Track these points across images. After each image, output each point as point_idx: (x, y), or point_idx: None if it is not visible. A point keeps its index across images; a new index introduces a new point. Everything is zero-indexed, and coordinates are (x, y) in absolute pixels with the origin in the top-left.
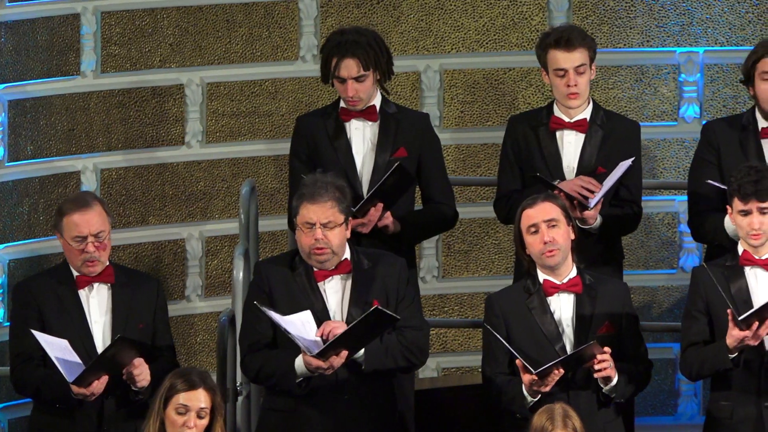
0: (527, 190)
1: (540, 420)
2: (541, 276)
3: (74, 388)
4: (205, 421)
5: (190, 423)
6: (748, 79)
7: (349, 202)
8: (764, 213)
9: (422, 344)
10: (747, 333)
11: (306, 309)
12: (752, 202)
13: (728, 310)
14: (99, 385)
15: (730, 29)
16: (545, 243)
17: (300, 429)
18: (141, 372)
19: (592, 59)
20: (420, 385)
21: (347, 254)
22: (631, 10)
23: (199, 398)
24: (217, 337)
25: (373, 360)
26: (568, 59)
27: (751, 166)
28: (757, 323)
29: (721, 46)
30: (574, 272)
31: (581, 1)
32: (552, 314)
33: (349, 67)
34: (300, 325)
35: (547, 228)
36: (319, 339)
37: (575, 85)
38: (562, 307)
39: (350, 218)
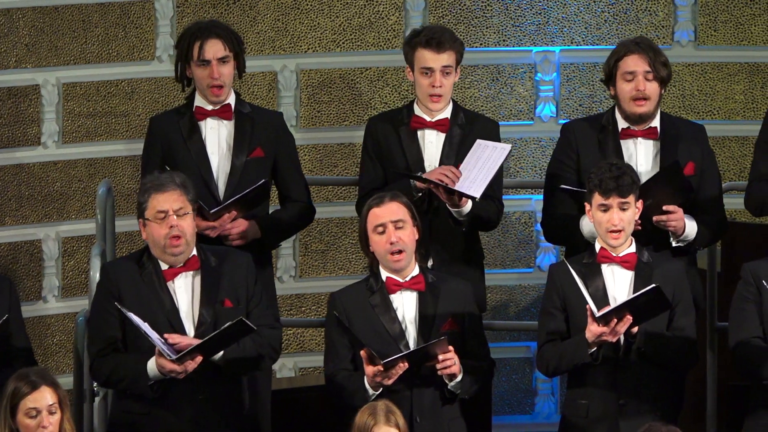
0: (391, 185)
1: (362, 417)
2: (384, 274)
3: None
4: (57, 416)
5: (45, 423)
6: (609, 79)
7: (194, 196)
8: (624, 209)
9: (275, 342)
10: (605, 329)
11: (155, 308)
12: (613, 197)
13: (587, 306)
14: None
15: (586, 29)
16: (391, 243)
17: (153, 431)
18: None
19: (458, 62)
20: (277, 384)
21: (194, 251)
22: (488, 10)
23: (46, 396)
24: (74, 337)
25: (231, 361)
26: (436, 59)
27: (612, 163)
28: (615, 320)
29: (577, 46)
30: (416, 270)
31: (437, 1)
32: (395, 312)
33: (214, 46)
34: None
35: (394, 228)
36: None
37: (440, 86)
38: (405, 305)
39: (201, 218)
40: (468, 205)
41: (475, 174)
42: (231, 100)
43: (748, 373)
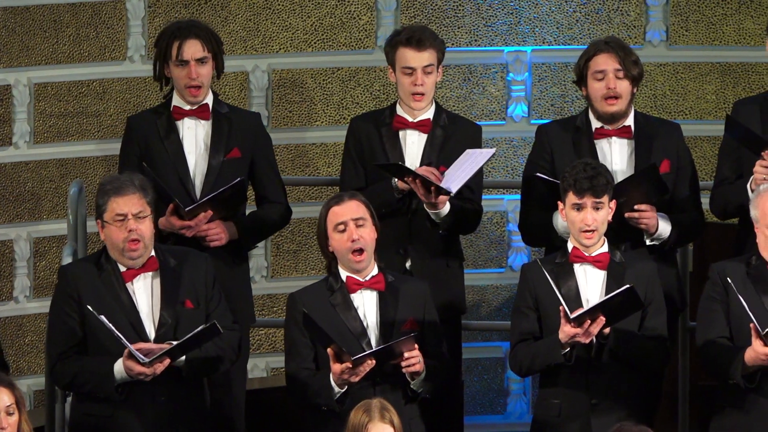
0: (373, 185)
1: (357, 415)
2: (344, 273)
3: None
4: (15, 417)
5: (3, 424)
6: (581, 79)
7: (153, 198)
8: (598, 209)
9: (234, 344)
10: (578, 330)
11: (115, 310)
12: (587, 196)
13: (560, 307)
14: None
15: (557, 28)
16: (353, 241)
17: None
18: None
19: (440, 61)
20: (249, 385)
21: (152, 252)
22: (459, 10)
23: (2, 398)
24: (46, 337)
25: (192, 365)
26: (417, 58)
27: (587, 163)
28: (589, 321)
29: (548, 46)
30: (375, 270)
31: (409, 1)
32: (356, 311)
33: (193, 47)
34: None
35: (355, 226)
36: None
37: (422, 85)
38: (366, 304)
39: (177, 217)
40: (446, 208)
41: (457, 174)
42: (209, 100)
43: (716, 373)
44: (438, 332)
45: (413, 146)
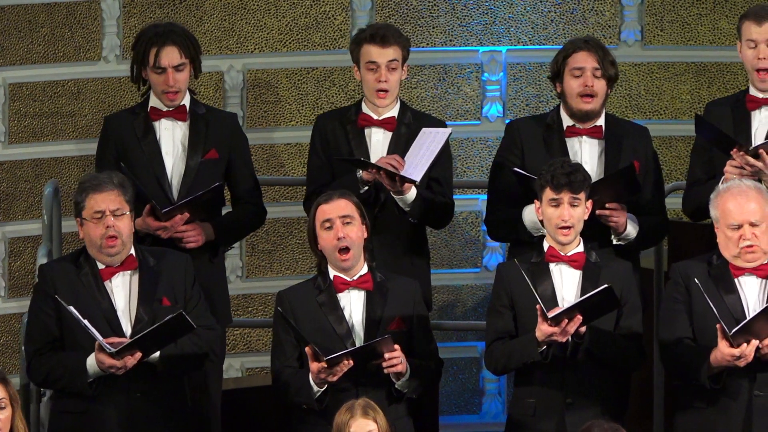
0: (340, 179)
1: (340, 415)
2: (332, 272)
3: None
4: (7, 411)
5: None
6: (557, 76)
7: (132, 196)
8: (575, 206)
9: (214, 343)
10: (556, 329)
11: (92, 308)
12: (565, 192)
13: (537, 306)
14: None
15: (532, 28)
16: (339, 239)
17: (92, 430)
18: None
19: (404, 58)
20: (224, 385)
21: (132, 250)
22: (434, 10)
23: None
24: (21, 338)
25: (167, 361)
26: (380, 54)
27: (565, 160)
28: (566, 320)
29: (523, 46)
30: (364, 269)
31: (384, 1)
32: (342, 311)
33: (170, 54)
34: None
35: (342, 224)
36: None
37: (385, 81)
38: (353, 304)
39: (154, 218)
40: (412, 193)
41: (418, 160)
42: (186, 101)
43: (682, 374)
44: (427, 331)
45: (378, 144)
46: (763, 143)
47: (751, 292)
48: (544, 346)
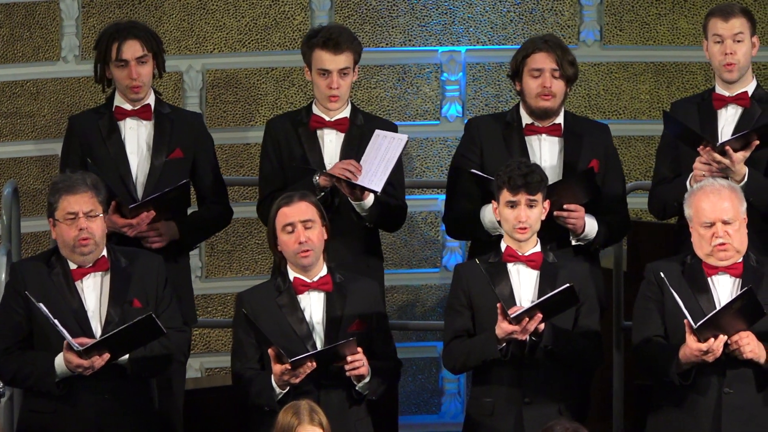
0: (294, 185)
1: (286, 417)
2: (292, 274)
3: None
4: None
5: None
6: (516, 75)
7: (105, 197)
8: (532, 207)
9: (183, 345)
10: (516, 327)
11: (62, 308)
12: (521, 193)
13: (498, 304)
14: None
15: (491, 28)
16: (300, 243)
17: (61, 429)
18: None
19: (356, 62)
20: (185, 385)
21: (104, 251)
22: (393, 10)
23: None
24: None
25: (137, 363)
26: (333, 61)
27: (521, 161)
28: (527, 319)
29: (483, 46)
30: (324, 271)
31: (343, 1)
32: (302, 312)
33: (132, 47)
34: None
35: (303, 228)
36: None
37: (337, 88)
38: (313, 306)
39: (120, 216)
40: (370, 199)
41: (376, 167)
42: (150, 100)
43: (652, 372)
44: (387, 332)
45: (331, 145)
46: (729, 140)
47: (723, 291)
48: (504, 344)
